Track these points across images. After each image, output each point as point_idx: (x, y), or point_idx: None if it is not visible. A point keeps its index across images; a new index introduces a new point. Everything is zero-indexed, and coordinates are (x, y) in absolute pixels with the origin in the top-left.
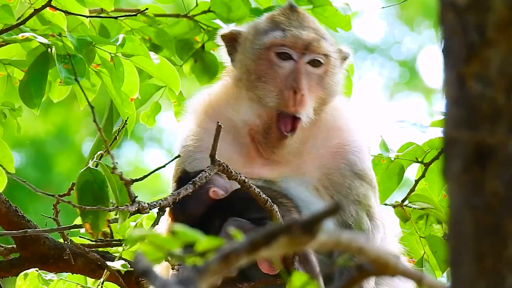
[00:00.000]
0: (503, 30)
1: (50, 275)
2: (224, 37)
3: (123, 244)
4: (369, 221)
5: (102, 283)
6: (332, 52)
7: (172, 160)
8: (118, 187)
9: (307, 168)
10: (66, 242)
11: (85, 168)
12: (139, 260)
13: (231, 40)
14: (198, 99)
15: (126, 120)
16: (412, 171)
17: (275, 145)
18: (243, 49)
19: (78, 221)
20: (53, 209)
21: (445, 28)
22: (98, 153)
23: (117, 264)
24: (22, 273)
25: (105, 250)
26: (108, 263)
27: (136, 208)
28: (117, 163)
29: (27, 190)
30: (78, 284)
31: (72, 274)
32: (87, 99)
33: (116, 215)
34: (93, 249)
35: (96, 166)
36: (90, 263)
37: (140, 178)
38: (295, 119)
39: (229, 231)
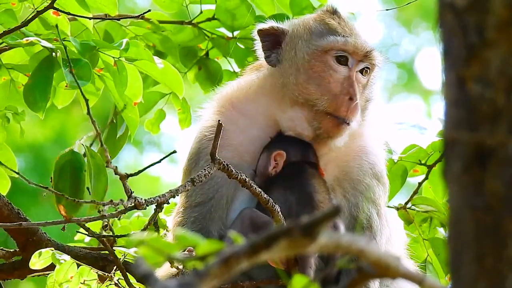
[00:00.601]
0: (503, 30)
1: (64, 256)
2: (263, 32)
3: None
4: (379, 220)
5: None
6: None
7: (168, 155)
8: (96, 175)
9: (327, 167)
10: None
11: (68, 150)
12: (140, 264)
13: (271, 36)
14: (222, 92)
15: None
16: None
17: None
18: (292, 47)
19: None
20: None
21: (444, 30)
22: (85, 136)
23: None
24: (37, 252)
25: (105, 253)
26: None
27: (132, 204)
28: (109, 156)
29: (28, 195)
30: (91, 267)
31: None
32: (87, 105)
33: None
34: (94, 252)
35: (84, 152)
36: (92, 264)
37: (136, 173)
38: (341, 124)
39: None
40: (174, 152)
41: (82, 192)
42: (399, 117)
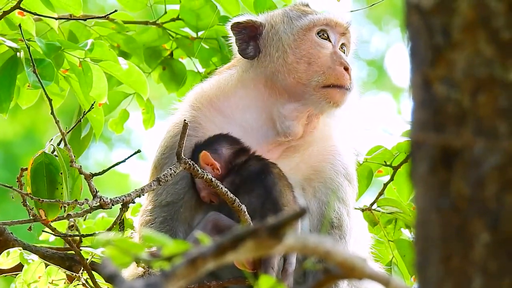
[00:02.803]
0: (468, 32)
1: (32, 256)
2: (238, 25)
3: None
4: (348, 220)
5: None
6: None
7: (132, 155)
8: (72, 177)
9: (299, 166)
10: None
11: (40, 152)
12: (106, 265)
13: (246, 30)
14: (198, 89)
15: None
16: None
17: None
18: (274, 33)
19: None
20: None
21: (411, 31)
22: (54, 137)
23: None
24: (5, 251)
25: (72, 253)
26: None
27: (98, 203)
28: (74, 156)
29: None
30: (59, 267)
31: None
32: (51, 105)
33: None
34: (61, 252)
35: (53, 152)
36: (59, 264)
37: (100, 172)
38: (345, 91)
39: (196, 235)
40: (139, 151)
41: (59, 193)
42: (369, 114)
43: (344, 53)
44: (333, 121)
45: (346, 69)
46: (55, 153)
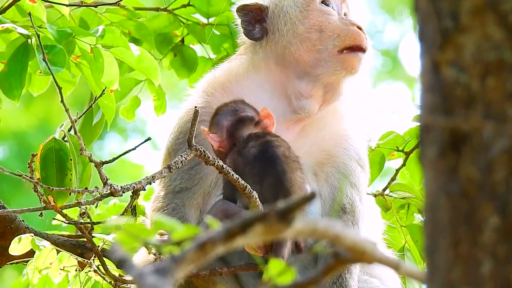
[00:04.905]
0: (477, 15)
1: (44, 242)
2: (244, 9)
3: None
4: (361, 206)
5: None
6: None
7: (143, 142)
8: (82, 163)
9: (311, 149)
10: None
11: (50, 138)
12: (115, 250)
13: (252, 12)
14: (212, 75)
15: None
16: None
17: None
18: (280, 10)
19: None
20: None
21: (420, 15)
22: (64, 123)
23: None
24: (17, 238)
25: (83, 240)
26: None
27: (108, 191)
28: (84, 144)
29: (10, 184)
30: (71, 254)
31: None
32: (60, 93)
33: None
34: (72, 239)
35: (64, 138)
36: (71, 251)
37: (110, 160)
38: (360, 54)
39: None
40: (149, 139)
41: (68, 179)
42: (383, 104)
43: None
44: (346, 107)
45: (360, 28)
46: (66, 139)
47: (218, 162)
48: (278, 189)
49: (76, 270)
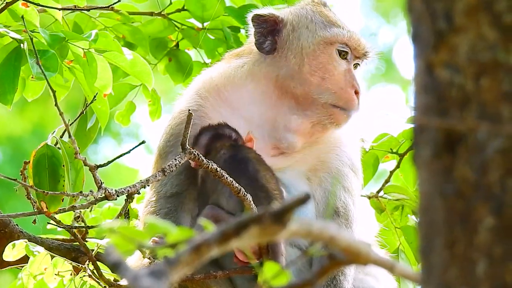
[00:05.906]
0: (471, 16)
1: (38, 247)
2: (259, 18)
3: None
4: (354, 210)
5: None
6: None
7: (137, 146)
8: (75, 170)
9: (304, 157)
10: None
11: (42, 144)
12: (110, 253)
13: (267, 23)
14: (205, 76)
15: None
16: (388, 163)
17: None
18: (295, 36)
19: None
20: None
21: (413, 16)
22: (56, 129)
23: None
24: (11, 243)
25: (78, 244)
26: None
27: (102, 194)
28: (79, 148)
29: (4, 188)
30: (65, 259)
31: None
32: (54, 97)
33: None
34: (67, 243)
35: (56, 144)
36: (65, 255)
37: (105, 163)
38: (350, 115)
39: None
40: (143, 142)
41: (61, 186)
42: (378, 107)
43: (356, 68)
44: None
45: (357, 93)
46: (58, 145)
47: (212, 165)
48: (254, 187)
49: (71, 275)
